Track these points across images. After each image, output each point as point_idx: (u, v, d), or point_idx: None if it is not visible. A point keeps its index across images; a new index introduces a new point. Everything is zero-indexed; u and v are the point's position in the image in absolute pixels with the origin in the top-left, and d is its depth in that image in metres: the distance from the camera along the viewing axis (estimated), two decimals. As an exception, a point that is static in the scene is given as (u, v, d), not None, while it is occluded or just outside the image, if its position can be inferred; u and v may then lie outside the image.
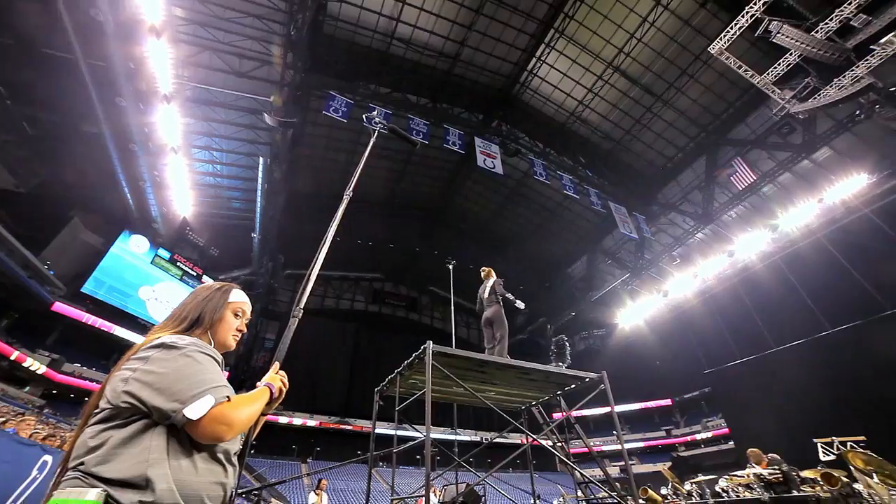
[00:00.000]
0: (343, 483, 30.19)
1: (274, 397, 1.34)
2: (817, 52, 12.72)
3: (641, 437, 31.75)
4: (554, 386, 4.54)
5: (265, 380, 1.37)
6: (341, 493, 28.97)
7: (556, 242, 29.33)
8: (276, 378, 1.38)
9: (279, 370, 1.44)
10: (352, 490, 28.20)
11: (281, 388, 1.39)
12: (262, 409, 1.27)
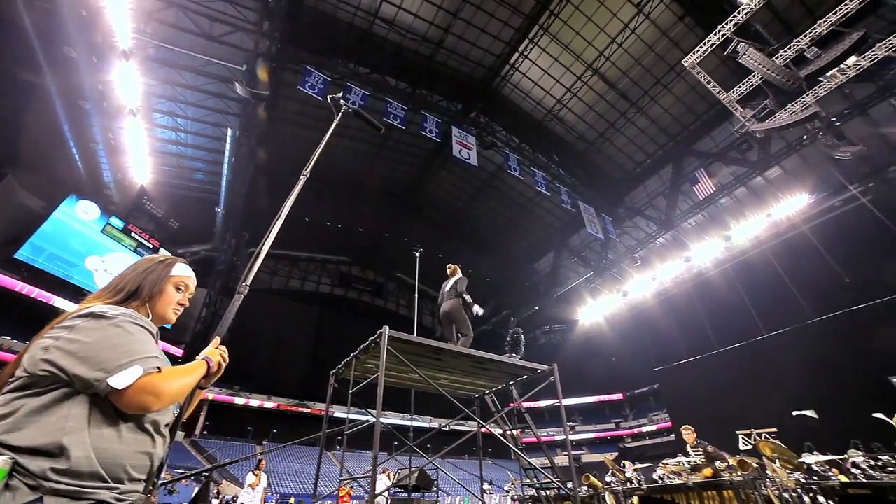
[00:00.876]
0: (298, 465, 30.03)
1: (211, 371, 1.33)
2: (775, 76, 13.49)
3: (593, 428, 33.37)
4: (507, 376, 4.71)
5: (203, 353, 1.36)
6: (296, 475, 28.84)
7: (524, 237, 29.92)
8: (215, 352, 1.38)
9: (220, 345, 1.43)
10: (306, 472, 28.11)
11: (220, 362, 1.38)
12: (197, 383, 1.25)
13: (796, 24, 16.17)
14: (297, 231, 33.38)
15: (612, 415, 33.47)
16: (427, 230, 30.21)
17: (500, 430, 5.85)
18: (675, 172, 22.51)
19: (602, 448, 31.29)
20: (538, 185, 19.09)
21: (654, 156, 23.44)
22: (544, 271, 30.95)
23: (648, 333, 27.09)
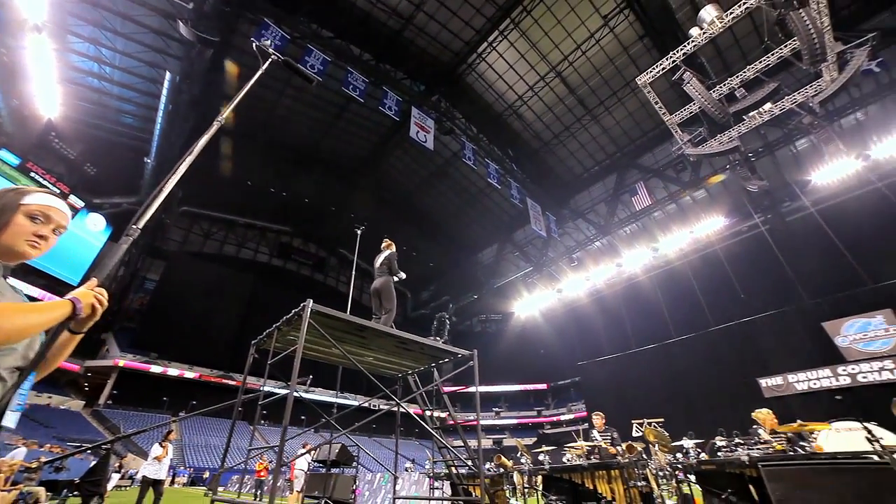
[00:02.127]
0: (218, 439, 28.78)
1: (80, 314, 1.17)
2: (710, 108, 14.76)
3: (516, 414, 35.33)
4: (429, 358, 4.86)
5: (71, 293, 1.19)
6: (214, 449, 27.65)
7: (471, 227, 30.44)
8: (87, 294, 1.20)
9: (96, 287, 1.25)
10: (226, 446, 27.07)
11: (93, 304, 1.20)
12: (52, 323, 1.11)
13: (733, 64, 17.74)
14: (236, 194, 31.33)
15: (535, 403, 35.67)
16: (376, 208, 29.74)
17: (421, 410, 6.04)
18: (618, 182, 24.02)
19: (523, 433, 33.30)
20: (490, 177, 19.45)
21: (601, 164, 24.79)
22: (487, 262, 31.81)
23: (577, 330, 28.94)
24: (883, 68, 15.52)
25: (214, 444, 28.09)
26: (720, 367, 18.83)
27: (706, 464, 4.85)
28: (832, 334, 16.72)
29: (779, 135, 19.39)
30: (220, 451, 26.44)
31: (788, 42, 13.30)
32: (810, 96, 14.18)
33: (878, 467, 2.50)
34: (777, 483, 2.99)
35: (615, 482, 5.41)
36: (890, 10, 16.66)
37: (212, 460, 25.89)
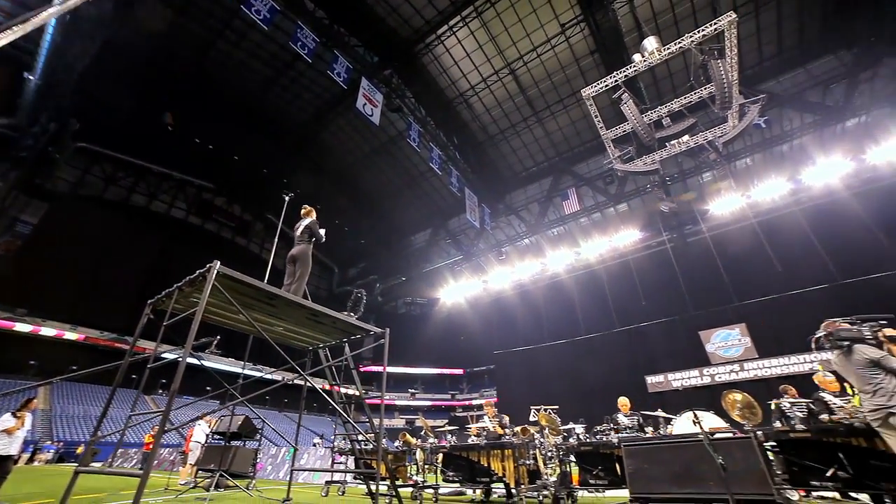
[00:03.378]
0: (100, 410, 25.84)
1: None
2: (640, 130, 16.11)
3: (431, 397, 36.43)
4: (340, 332, 4.81)
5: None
6: (94, 420, 24.83)
7: (407, 209, 30.22)
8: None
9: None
10: (111, 418, 24.43)
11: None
12: None
13: (664, 94, 19.47)
14: (153, 138, 27.80)
15: (450, 387, 37.06)
16: (311, 177, 28.27)
17: (330, 385, 5.98)
18: (553, 185, 25.38)
19: (436, 415, 34.51)
20: (433, 161, 19.45)
21: (540, 165, 25.97)
22: (418, 245, 31.93)
23: (498, 320, 30.39)
24: (767, 125, 18.17)
25: (94, 415, 25.20)
26: (617, 364, 21.13)
27: (584, 445, 5.48)
28: (704, 341, 19.57)
29: (691, 165, 21.79)
30: (108, 423, 23.86)
31: (707, 86, 14.91)
32: (717, 136, 16.11)
33: (694, 443, 3.07)
34: (631, 459, 3.50)
35: (507, 460, 5.88)
36: (776, 80, 19.66)
37: (89, 432, 23.29)
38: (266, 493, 7.02)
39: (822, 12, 18.42)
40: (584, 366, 21.91)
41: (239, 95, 24.56)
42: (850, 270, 18.01)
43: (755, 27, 18.91)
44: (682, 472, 3.22)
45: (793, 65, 20.07)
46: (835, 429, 4.03)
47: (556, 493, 5.29)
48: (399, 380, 36.61)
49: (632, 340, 21.61)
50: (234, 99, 24.82)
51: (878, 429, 3.29)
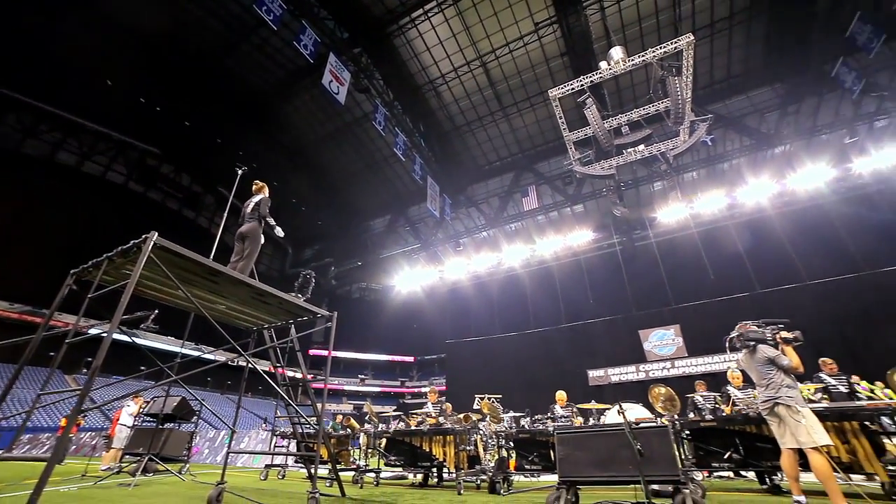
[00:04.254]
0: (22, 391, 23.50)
1: None
2: (600, 136, 16.80)
3: (380, 383, 36.45)
4: (286, 313, 4.70)
5: None
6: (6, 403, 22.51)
7: (368, 193, 29.63)
8: None
9: None
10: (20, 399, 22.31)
11: None
12: None
13: (626, 104, 20.33)
14: (91, 92, 25.17)
15: (401, 374, 37.22)
16: (269, 152, 26.92)
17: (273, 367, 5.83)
18: (514, 181, 25.91)
19: (384, 401, 34.62)
20: (397, 147, 19.19)
21: (503, 160, 26.37)
22: (377, 231, 31.50)
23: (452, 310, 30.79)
24: (712, 143, 19.64)
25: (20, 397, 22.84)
26: (562, 358, 22.19)
27: (522, 432, 5.76)
28: (642, 340, 21.01)
29: (644, 173, 23.05)
30: (20, 404, 21.74)
31: (664, 100, 15.79)
32: (669, 149, 17.15)
33: (617, 432, 3.35)
34: (562, 446, 3.76)
35: (448, 446, 6.06)
36: (723, 103, 21.25)
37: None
38: (200, 478, 6.76)
39: (763, 47, 20.02)
40: (532, 358, 22.80)
41: (195, 57, 22.76)
42: (766, 281, 20.03)
43: (710, 51, 20.21)
44: (606, 458, 3.51)
45: (738, 91, 21.71)
46: (734, 418, 4.63)
47: (493, 477, 5.54)
48: (349, 365, 36.25)
49: (577, 336, 22.75)
50: (189, 61, 22.97)
51: (766, 416, 3.80)
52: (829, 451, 3.77)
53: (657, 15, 18.90)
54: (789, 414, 3.59)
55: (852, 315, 16.91)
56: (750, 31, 19.61)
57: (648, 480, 3.31)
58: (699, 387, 6.22)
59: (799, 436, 3.50)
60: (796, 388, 3.73)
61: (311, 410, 5.19)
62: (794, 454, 3.59)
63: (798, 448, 3.53)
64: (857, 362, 11.37)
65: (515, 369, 22.73)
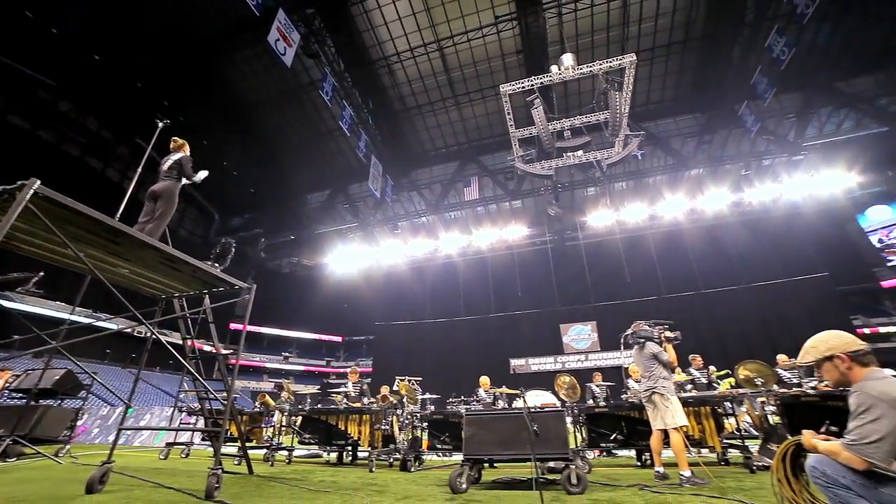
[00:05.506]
0: None
1: None
2: (544, 137, 17.55)
3: (305, 362, 35.42)
4: (200, 283, 4.39)
5: None
6: None
7: (308, 165, 28.13)
8: None
9: None
10: None
11: None
12: None
13: (571, 110, 21.30)
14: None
15: (327, 353, 36.42)
16: (200, 107, 24.37)
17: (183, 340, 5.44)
18: (458, 171, 26.21)
19: (308, 381, 33.71)
20: (343, 120, 18.44)
21: (449, 148, 26.48)
22: (314, 205, 30.16)
23: (385, 292, 30.65)
24: (642, 158, 21.54)
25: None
26: (488, 346, 23.24)
27: (436, 414, 6.04)
28: (562, 333, 22.73)
29: (580, 178, 24.52)
30: None
31: (605, 112, 16.88)
32: (604, 158, 18.44)
33: (518, 415, 3.68)
34: (469, 426, 4.02)
35: (364, 425, 6.16)
36: (654, 122, 23.24)
37: None
38: (83, 460, 6.14)
39: (692, 78, 22.14)
40: (460, 344, 23.61)
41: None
42: (672, 287, 22.62)
43: (649, 73, 21.85)
44: (507, 438, 3.82)
45: (667, 114, 23.82)
46: (622, 405, 5.29)
47: (405, 455, 5.75)
48: (274, 342, 34.67)
49: (504, 326, 23.95)
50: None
51: (645, 403, 4.42)
52: (686, 430, 4.51)
53: (608, 30, 19.96)
54: (661, 401, 4.20)
55: (731, 320, 19.79)
56: (683, 63, 21.53)
57: (540, 458, 3.68)
58: (596, 377, 6.99)
59: (665, 418, 4.13)
60: (670, 380, 4.35)
61: (224, 386, 4.96)
62: (660, 434, 4.22)
63: (664, 428, 4.15)
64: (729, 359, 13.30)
65: (443, 354, 23.39)
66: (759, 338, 18.75)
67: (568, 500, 3.37)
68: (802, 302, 19.29)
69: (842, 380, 1.78)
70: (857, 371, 1.72)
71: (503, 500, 3.47)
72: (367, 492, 4.00)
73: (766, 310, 19.68)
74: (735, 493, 3.38)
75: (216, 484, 3.52)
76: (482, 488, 4.09)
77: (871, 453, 1.51)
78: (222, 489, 3.64)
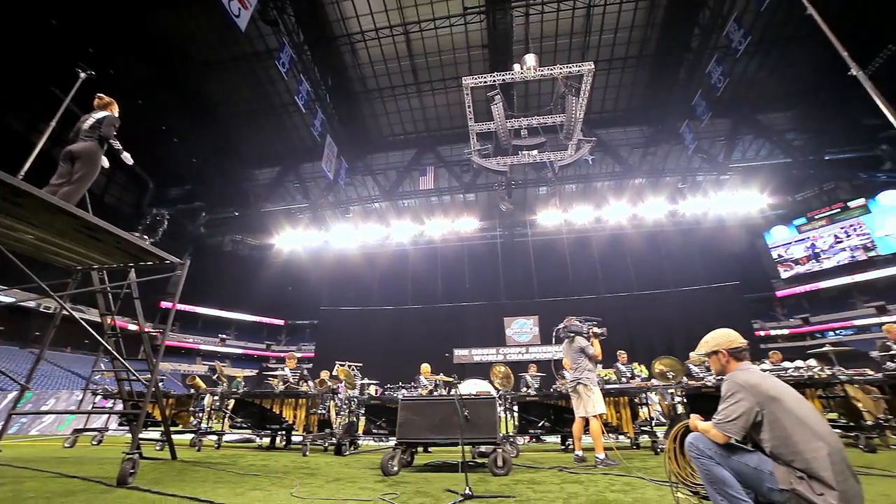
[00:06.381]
0: None
1: None
2: (501, 133, 17.91)
3: (244, 345, 33.78)
4: (125, 255, 4.04)
5: None
6: None
7: (258, 139, 26.42)
8: None
9: None
10: None
11: None
12: None
13: (530, 109, 21.82)
14: None
15: (268, 337, 34.94)
16: (136, 62, 21.96)
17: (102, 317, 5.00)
18: (415, 159, 26.01)
19: (246, 364, 32.17)
20: (299, 95, 17.56)
21: (407, 135, 26.15)
22: (262, 182, 28.55)
23: (332, 276, 29.96)
24: (592, 163, 22.66)
25: None
26: (433, 336, 23.54)
27: (374, 400, 6.09)
28: (506, 326, 23.56)
29: (533, 177, 25.31)
30: None
31: (561, 115, 17.52)
32: (557, 160, 19.18)
33: (450, 401, 3.83)
34: (404, 411, 4.13)
35: (300, 409, 6.07)
36: (606, 130, 24.53)
37: None
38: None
39: (643, 92, 23.55)
40: (406, 332, 23.70)
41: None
42: (610, 287, 24.21)
43: (605, 83, 22.90)
44: (440, 423, 3.96)
45: (619, 123, 25.16)
46: (551, 394, 5.66)
47: (340, 440, 5.75)
48: (210, 323, 32.56)
49: (450, 316, 24.37)
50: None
51: (570, 393, 4.78)
52: (604, 417, 4.94)
53: (571, 36, 20.60)
54: (585, 391, 4.56)
55: (658, 320, 21.61)
56: (636, 77, 22.79)
57: (470, 442, 3.86)
58: (530, 368, 7.41)
59: (587, 407, 4.49)
60: (594, 372, 4.73)
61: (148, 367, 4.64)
62: (582, 421, 4.59)
63: (585, 416, 4.51)
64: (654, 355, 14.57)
65: (388, 341, 23.37)
66: (681, 337, 20.68)
67: (493, 480, 3.58)
68: (717, 306, 21.53)
69: (722, 370, 2.11)
70: (732, 364, 2.05)
71: (432, 481, 3.62)
72: (298, 475, 3.98)
73: (688, 312, 21.74)
74: (638, 472, 3.77)
75: (131, 469, 3.31)
76: (414, 471, 4.22)
77: (729, 429, 1.84)
78: (139, 475, 3.45)
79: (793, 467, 1.65)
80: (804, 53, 19.61)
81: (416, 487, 3.34)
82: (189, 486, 3.31)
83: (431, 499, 2.91)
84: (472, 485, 2.97)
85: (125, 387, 5.33)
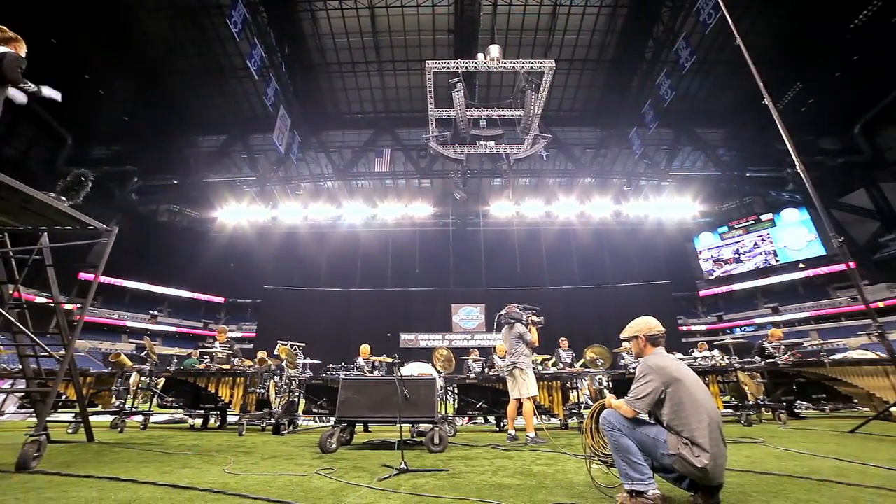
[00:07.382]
0: None
1: None
2: (461, 122, 17.96)
3: (178, 322, 31.62)
4: (37, 217, 3.63)
5: None
6: None
7: (206, 102, 24.41)
8: None
9: None
10: None
11: None
12: None
13: (491, 100, 22.02)
14: None
15: (205, 315, 32.95)
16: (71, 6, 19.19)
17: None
18: (372, 139, 25.41)
19: (181, 343, 30.14)
20: (251, 60, 16.41)
21: (366, 114, 25.45)
22: (206, 150, 26.52)
23: (277, 254, 28.72)
24: (547, 159, 23.50)
25: None
26: (380, 319, 23.37)
27: (315, 379, 6.05)
28: (453, 313, 23.98)
29: (489, 168, 25.71)
30: None
31: (520, 109, 17.88)
32: (513, 153, 19.61)
33: (389, 381, 3.94)
34: (344, 391, 4.17)
35: (237, 388, 5.87)
36: (562, 128, 25.45)
37: None
38: None
39: (599, 95, 24.61)
40: (352, 315, 23.35)
41: None
42: (554, 280, 25.41)
43: (564, 82, 23.61)
44: (380, 402, 4.05)
45: (574, 123, 26.14)
46: (490, 378, 5.95)
47: (279, 419, 5.66)
48: (140, 298, 29.91)
49: (398, 300, 24.36)
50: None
51: (507, 376, 5.06)
52: (537, 400, 5.29)
53: (536, 32, 20.94)
54: (520, 375, 4.85)
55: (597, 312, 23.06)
56: (593, 80, 23.71)
57: (408, 421, 3.99)
58: (472, 353, 7.72)
59: (521, 389, 4.79)
60: (530, 358, 5.03)
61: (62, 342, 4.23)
62: (516, 402, 4.88)
63: (519, 398, 4.81)
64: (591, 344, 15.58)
65: (334, 323, 22.92)
66: (615, 329, 22.20)
67: (429, 457, 3.74)
68: (649, 303, 23.34)
69: (640, 353, 2.38)
70: (649, 349, 2.32)
71: (370, 457, 3.71)
72: (233, 453, 3.89)
73: (622, 307, 23.38)
74: (563, 448, 4.12)
75: (35, 452, 3.00)
76: (352, 449, 4.28)
77: (637, 405, 2.11)
78: (45, 458, 3.16)
79: (681, 436, 1.94)
80: (737, 79, 21.52)
81: (354, 463, 3.41)
82: (108, 468, 3.13)
83: (367, 473, 3.00)
84: (408, 461, 3.10)
85: (30, 364, 4.84)
